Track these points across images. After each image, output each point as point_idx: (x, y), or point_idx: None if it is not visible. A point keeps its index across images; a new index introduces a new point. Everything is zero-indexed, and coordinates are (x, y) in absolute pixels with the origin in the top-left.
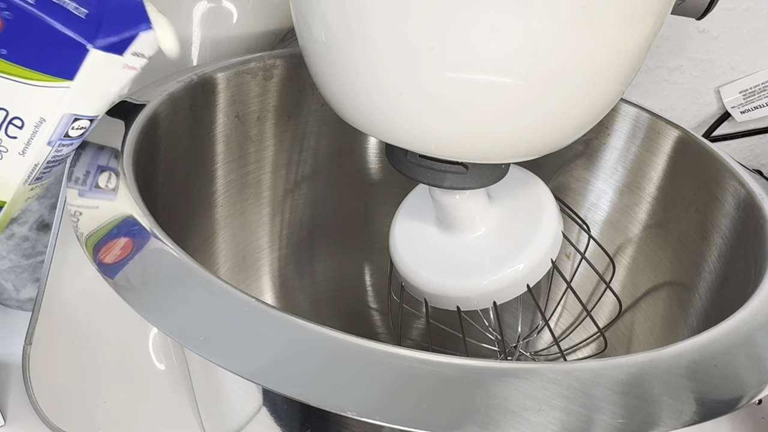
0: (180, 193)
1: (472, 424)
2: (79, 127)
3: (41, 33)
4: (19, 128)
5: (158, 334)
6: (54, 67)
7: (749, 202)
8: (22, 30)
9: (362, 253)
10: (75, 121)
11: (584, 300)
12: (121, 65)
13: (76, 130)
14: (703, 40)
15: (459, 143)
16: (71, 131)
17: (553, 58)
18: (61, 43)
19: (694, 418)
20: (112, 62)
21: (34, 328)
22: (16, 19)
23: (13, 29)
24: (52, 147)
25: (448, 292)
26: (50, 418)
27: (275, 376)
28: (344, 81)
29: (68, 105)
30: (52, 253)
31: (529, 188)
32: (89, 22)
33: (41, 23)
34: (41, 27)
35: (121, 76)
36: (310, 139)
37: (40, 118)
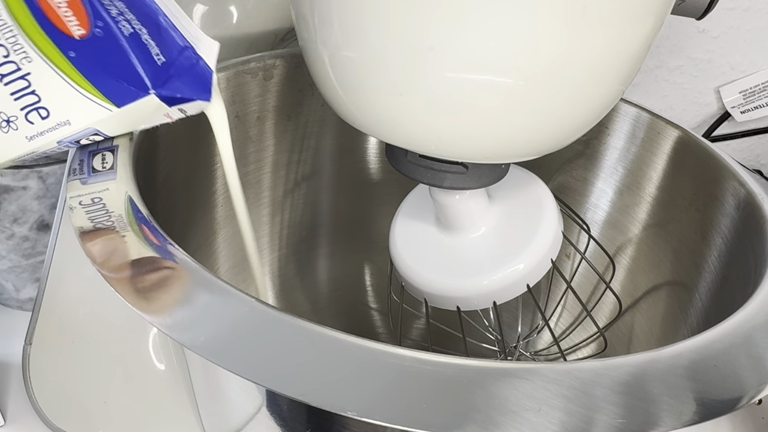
0: (180, 193)
1: (472, 424)
2: (93, 139)
3: (118, 60)
4: (42, 118)
5: (158, 334)
6: (110, 91)
7: (749, 202)
8: (103, 50)
9: (362, 253)
10: (93, 135)
11: (584, 300)
12: (163, 112)
13: (87, 140)
14: (703, 40)
15: (459, 143)
16: (83, 140)
17: (554, 58)
18: (129, 76)
19: (694, 418)
20: (159, 108)
21: (34, 328)
22: (103, 38)
23: (96, 44)
24: (59, 145)
25: (448, 292)
26: (50, 418)
27: (275, 376)
28: (344, 81)
29: (99, 123)
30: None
31: (529, 188)
32: (162, 70)
33: (123, 53)
34: (121, 56)
35: (156, 120)
36: (310, 139)
37: (66, 120)
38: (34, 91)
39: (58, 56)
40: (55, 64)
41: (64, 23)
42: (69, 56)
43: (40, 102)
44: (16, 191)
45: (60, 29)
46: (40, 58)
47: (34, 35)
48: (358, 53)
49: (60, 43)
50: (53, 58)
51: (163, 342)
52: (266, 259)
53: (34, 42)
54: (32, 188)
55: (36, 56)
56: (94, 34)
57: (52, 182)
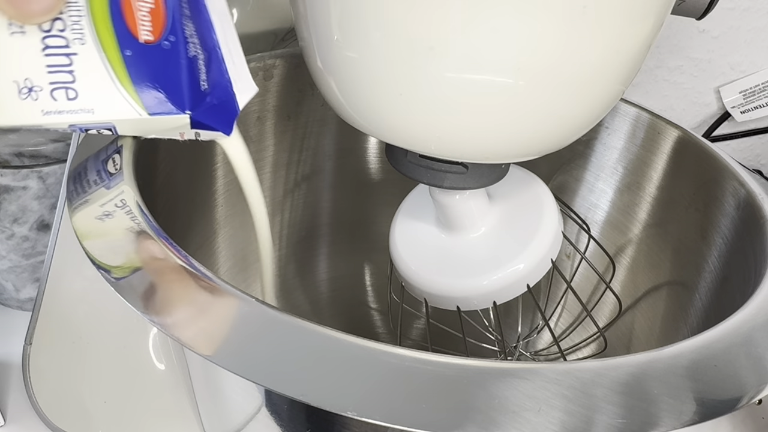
0: (180, 193)
1: (472, 424)
2: (102, 132)
3: (170, 75)
4: (68, 99)
5: (158, 334)
6: (147, 98)
7: (749, 202)
8: (161, 61)
9: (362, 253)
10: (106, 129)
11: (584, 300)
12: (181, 131)
13: (96, 131)
14: (703, 40)
15: (459, 143)
16: (93, 130)
17: (554, 58)
18: (173, 92)
19: (694, 418)
20: (181, 126)
21: (34, 328)
22: (168, 51)
23: (157, 54)
24: (69, 128)
25: (448, 292)
26: (50, 418)
27: (275, 376)
28: (344, 81)
29: (121, 122)
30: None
31: (529, 188)
32: (201, 96)
33: (178, 70)
34: (175, 72)
35: (168, 134)
36: (310, 139)
37: (91, 108)
38: (72, 71)
39: (113, 49)
40: (107, 54)
41: (136, 24)
42: (124, 54)
43: (73, 83)
44: (16, 191)
45: (129, 27)
46: (94, 45)
47: (100, 23)
48: (358, 53)
49: (122, 39)
50: (107, 49)
51: (163, 342)
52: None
53: (97, 29)
54: (32, 188)
55: (91, 41)
56: (161, 44)
57: (52, 182)
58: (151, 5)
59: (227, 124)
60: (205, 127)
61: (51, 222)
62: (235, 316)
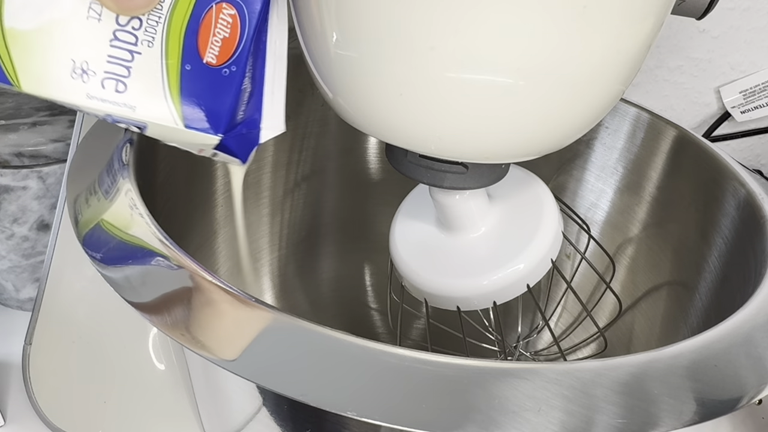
0: (180, 193)
1: (472, 424)
2: (131, 128)
3: (217, 98)
4: (115, 91)
5: (158, 334)
6: (188, 113)
7: (749, 202)
8: (215, 84)
9: (362, 253)
10: (137, 127)
11: (584, 300)
12: (201, 147)
13: (124, 125)
14: (703, 40)
15: (459, 143)
16: (123, 124)
17: (554, 58)
18: (214, 114)
19: (694, 418)
20: (205, 145)
21: (34, 328)
22: (224, 78)
23: (213, 77)
24: (104, 117)
25: (448, 292)
26: (50, 418)
27: (275, 376)
28: (344, 81)
29: (154, 125)
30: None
31: (529, 188)
32: (234, 124)
33: (226, 97)
34: (223, 97)
35: (189, 147)
36: (310, 139)
37: (133, 106)
38: (129, 68)
39: (175, 60)
40: (167, 62)
41: (207, 46)
42: (184, 67)
43: (126, 78)
44: (16, 191)
45: (198, 46)
46: (159, 50)
47: (174, 34)
48: (357, 53)
49: (187, 54)
50: (170, 58)
51: (163, 342)
52: (266, 259)
53: (169, 38)
54: (32, 188)
55: (158, 47)
56: (221, 70)
57: (52, 182)
58: (227, 35)
59: (246, 153)
60: (227, 151)
61: (51, 222)
62: (235, 317)
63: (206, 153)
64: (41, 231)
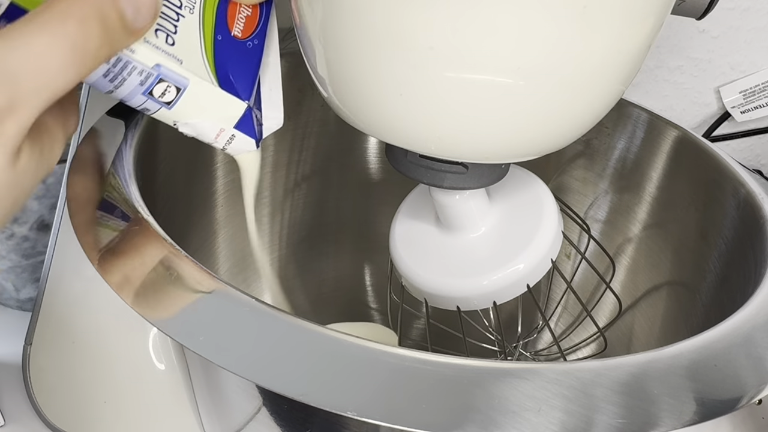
0: (180, 193)
1: (472, 424)
2: (170, 90)
3: (243, 65)
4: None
5: (158, 334)
6: (222, 75)
7: (749, 202)
8: (241, 55)
9: (362, 253)
10: (177, 87)
11: (584, 300)
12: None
13: (166, 84)
14: (703, 40)
15: (459, 143)
16: (167, 81)
17: (554, 58)
18: (242, 81)
19: (694, 418)
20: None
21: (34, 328)
22: (248, 50)
23: (240, 48)
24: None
25: (448, 292)
26: (50, 418)
27: (275, 376)
28: (344, 81)
29: (196, 83)
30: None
31: (529, 188)
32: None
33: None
34: (247, 66)
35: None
36: (310, 139)
37: (180, 60)
38: (176, 26)
39: (210, 30)
40: (204, 31)
41: (234, 21)
42: (216, 37)
43: (174, 34)
44: None
45: (227, 20)
46: (198, 18)
47: (209, 7)
48: (357, 53)
49: (218, 26)
50: (206, 27)
51: (163, 342)
52: (266, 259)
53: (205, 8)
54: None
55: (197, 14)
56: (245, 42)
57: (52, 182)
58: (249, 13)
59: (260, 136)
60: (248, 128)
61: (51, 222)
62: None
63: (224, 137)
64: (41, 231)
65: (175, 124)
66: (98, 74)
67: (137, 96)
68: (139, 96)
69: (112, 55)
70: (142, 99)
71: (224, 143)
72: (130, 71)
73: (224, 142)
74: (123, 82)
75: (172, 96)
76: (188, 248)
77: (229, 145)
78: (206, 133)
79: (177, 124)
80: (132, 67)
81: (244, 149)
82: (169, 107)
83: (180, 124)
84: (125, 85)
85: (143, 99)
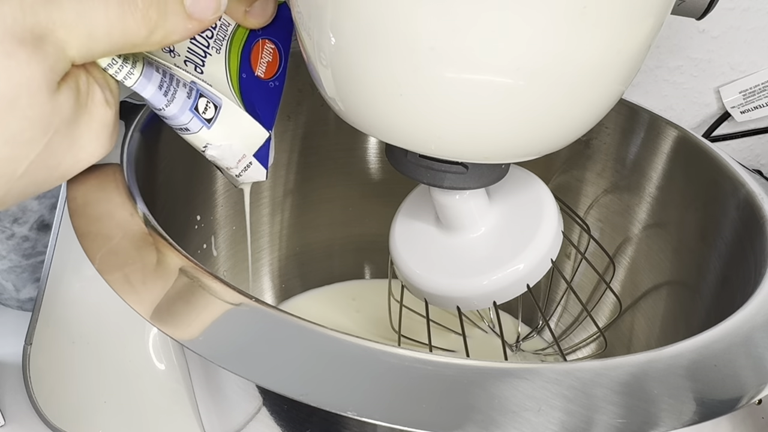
0: (180, 193)
1: (472, 424)
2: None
3: (265, 102)
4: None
5: (158, 334)
6: (247, 105)
7: (749, 202)
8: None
9: (362, 253)
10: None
11: (584, 300)
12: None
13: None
14: (703, 40)
15: (459, 143)
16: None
17: (554, 58)
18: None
19: (694, 418)
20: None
21: (34, 328)
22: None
23: (262, 87)
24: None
25: (448, 292)
26: (50, 418)
27: (275, 376)
28: (344, 81)
29: (227, 103)
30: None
31: (529, 188)
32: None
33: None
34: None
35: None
36: (310, 139)
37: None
38: (204, 60)
39: (235, 67)
40: (230, 66)
41: (257, 64)
42: (241, 75)
43: (202, 66)
44: None
45: (251, 62)
46: (224, 57)
47: (234, 49)
48: (357, 53)
49: (243, 65)
50: (231, 64)
51: (163, 342)
52: (266, 259)
53: (230, 50)
54: None
55: (223, 54)
56: (268, 82)
57: None
58: (270, 59)
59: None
60: (263, 158)
61: (51, 222)
62: (236, 316)
63: (243, 163)
64: (41, 231)
65: (206, 146)
66: (155, 86)
67: (186, 112)
68: (187, 112)
69: (165, 39)
70: (189, 116)
71: (241, 170)
72: (177, 82)
73: (242, 168)
74: (174, 95)
75: (212, 113)
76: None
77: (245, 172)
78: (232, 156)
79: (208, 146)
80: (177, 79)
81: (255, 178)
82: (209, 126)
83: (211, 147)
84: (176, 99)
85: (190, 116)
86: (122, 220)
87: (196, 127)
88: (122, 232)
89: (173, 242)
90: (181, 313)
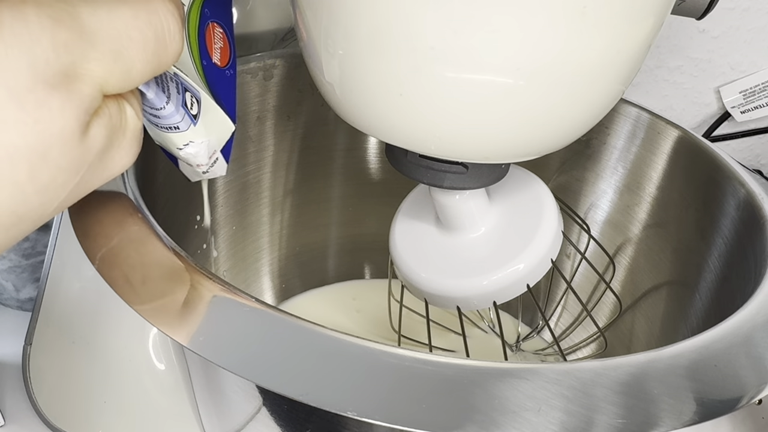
0: (180, 193)
1: (472, 424)
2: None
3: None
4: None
5: (158, 334)
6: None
7: (749, 202)
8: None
9: (362, 253)
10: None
11: (584, 300)
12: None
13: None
14: (703, 40)
15: (459, 143)
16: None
17: (554, 58)
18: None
19: (694, 418)
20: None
21: (34, 328)
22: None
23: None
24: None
25: (448, 292)
26: (50, 418)
27: (275, 376)
28: (344, 81)
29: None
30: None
31: (529, 188)
32: None
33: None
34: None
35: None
36: (310, 139)
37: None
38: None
39: (196, 54)
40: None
41: (212, 50)
42: (203, 61)
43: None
44: None
45: (208, 49)
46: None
47: (192, 34)
48: (358, 53)
49: (202, 52)
50: (193, 51)
51: (163, 342)
52: (266, 259)
53: (189, 35)
54: None
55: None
56: (225, 70)
57: None
58: (222, 45)
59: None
60: (227, 152)
61: (51, 222)
62: (236, 317)
63: (212, 159)
64: (41, 231)
65: (187, 144)
66: (155, 83)
67: (180, 109)
68: (180, 109)
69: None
70: (182, 113)
71: (209, 166)
72: (166, 76)
73: (210, 164)
74: (169, 90)
75: (197, 108)
76: (188, 248)
77: (211, 168)
78: (206, 153)
79: (189, 144)
80: (165, 73)
81: (218, 173)
82: (195, 122)
83: (192, 144)
84: (171, 95)
85: (183, 113)
86: (122, 220)
87: (185, 125)
88: (122, 232)
89: (173, 242)
90: (181, 313)
